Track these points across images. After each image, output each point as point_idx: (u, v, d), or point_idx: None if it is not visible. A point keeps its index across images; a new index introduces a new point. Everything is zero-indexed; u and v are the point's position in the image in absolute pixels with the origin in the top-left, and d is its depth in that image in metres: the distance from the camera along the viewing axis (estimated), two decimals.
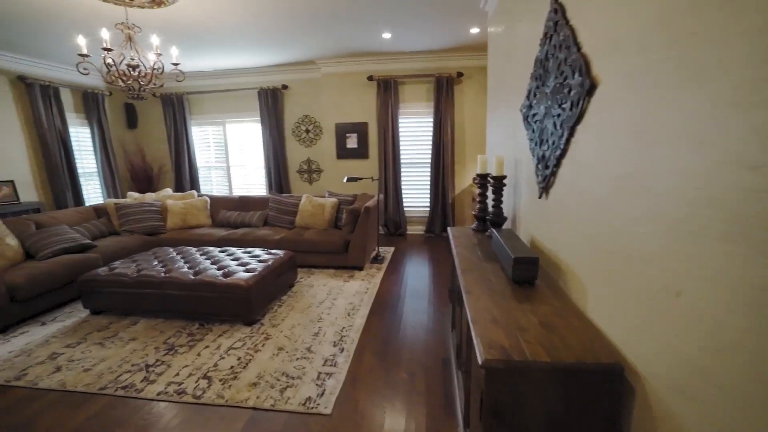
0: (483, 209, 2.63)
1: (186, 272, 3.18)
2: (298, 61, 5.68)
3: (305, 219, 4.74)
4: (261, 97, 6.16)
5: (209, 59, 5.41)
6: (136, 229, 4.61)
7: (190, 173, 6.68)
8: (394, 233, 6.03)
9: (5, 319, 3.05)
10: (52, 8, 3.39)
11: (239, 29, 4.16)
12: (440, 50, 5.27)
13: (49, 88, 5.24)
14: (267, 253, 3.72)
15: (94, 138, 5.96)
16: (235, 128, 6.63)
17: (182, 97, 6.40)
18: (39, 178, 5.27)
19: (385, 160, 5.81)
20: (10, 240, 3.51)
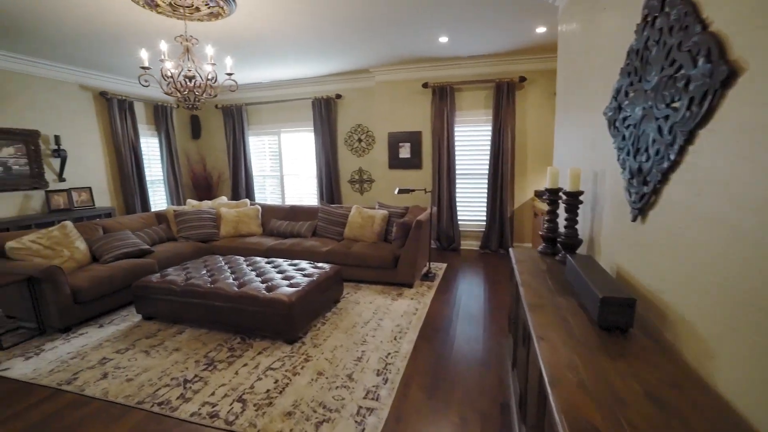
0: (553, 229, 2.26)
1: (231, 284, 3.13)
2: (353, 69, 5.62)
3: (354, 231, 4.59)
4: (315, 107, 6.18)
5: (266, 70, 5.51)
6: (191, 235, 4.74)
7: (246, 182, 6.87)
8: (447, 248, 5.69)
9: (68, 319, 3.19)
10: (122, 25, 3.57)
11: (295, 39, 4.14)
12: (501, 54, 4.91)
13: (125, 102, 5.64)
14: (313, 266, 3.59)
15: (162, 147, 6.33)
16: (290, 138, 6.72)
17: (241, 108, 6.62)
18: (113, 185, 5.67)
19: (439, 171, 5.52)
20: (79, 243, 3.71)
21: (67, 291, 3.16)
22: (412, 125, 5.66)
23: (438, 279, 4.37)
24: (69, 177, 5.06)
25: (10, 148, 4.46)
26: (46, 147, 4.82)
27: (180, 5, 3.08)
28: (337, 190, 6.37)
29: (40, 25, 3.50)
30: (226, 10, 3.26)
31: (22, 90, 4.57)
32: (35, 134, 4.66)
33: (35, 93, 4.70)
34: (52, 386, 2.45)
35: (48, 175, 4.84)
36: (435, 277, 4.40)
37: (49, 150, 4.85)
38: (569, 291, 1.67)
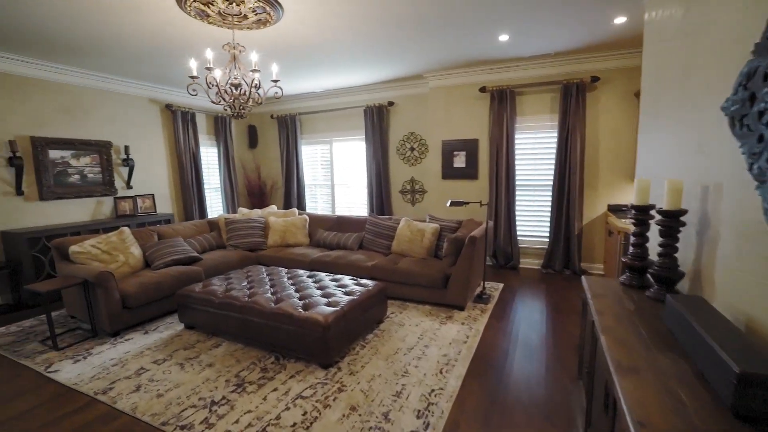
0: (640, 256, 1.80)
1: (268, 298, 2.98)
2: (405, 76, 5.40)
3: (402, 245, 4.30)
4: (367, 115, 6.04)
5: (318, 79, 5.47)
6: (240, 244, 4.76)
7: (297, 190, 6.90)
8: (505, 266, 5.19)
9: (117, 324, 3.25)
10: (179, 39, 3.66)
11: (345, 44, 4.01)
12: (569, 51, 4.40)
13: (188, 113, 5.92)
14: (356, 282, 3.36)
15: (220, 157, 6.56)
16: (341, 147, 6.64)
17: (295, 118, 6.68)
18: (174, 192, 5.94)
19: (497, 182, 5.07)
20: (134, 249, 3.83)
21: (117, 296, 3.23)
22: (468, 132, 5.28)
23: (493, 301, 3.92)
24: (135, 185, 5.37)
25: (86, 158, 4.80)
26: (116, 157, 5.14)
27: (229, 14, 3.05)
28: (388, 201, 6.14)
29: (110, 44, 3.69)
30: (273, 17, 3.19)
31: (100, 105, 4.93)
32: (108, 145, 4.99)
33: (110, 107, 5.04)
34: (89, 394, 2.44)
35: (117, 182, 5.16)
36: (490, 299, 3.96)
37: (120, 159, 5.17)
38: (672, 345, 1.24)
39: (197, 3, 2.90)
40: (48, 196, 4.44)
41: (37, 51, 3.91)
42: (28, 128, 4.28)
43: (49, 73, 4.38)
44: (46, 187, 4.42)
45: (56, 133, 4.52)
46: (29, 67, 4.22)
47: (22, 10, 2.99)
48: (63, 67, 4.43)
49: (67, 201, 4.64)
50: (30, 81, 4.28)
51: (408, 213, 6.13)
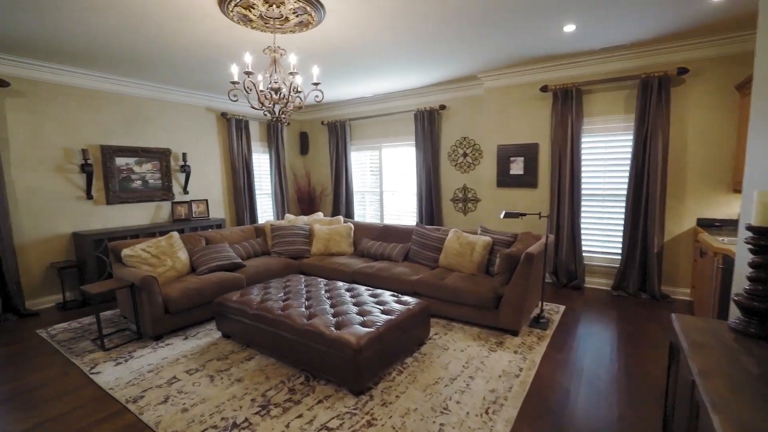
0: (763, 295, 1.33)
1: (301, 313, 2.81)
2: (458, 77, 5.06)
3: (450, 259, 3.96)
4: (417, 120, 5.78)
5: (366, 84, 5.33)
6: (283, 251, 4.71)
7: (346, 197, 6.80)
8: (566, 285, 4.62)
9: (159, 328, 3.28)
10: (227, 47, 3.68)
11: (391, 45, 3.80)
12: (649, 41, 3.80)
13: (242, 121, 6.08)
14: (396, 299, 3.09)
15: (272, 163, 6.67)
16: (391, 153, 6.44)
17: (345, 124, 6.61)
18: (227, 198, 6.12)
19: (560, 191, 4.54)
20: (181, 254, 3.90)
21: (159, 301, 3.26)
22: (526, 136, 4.81)
23: (552, 327, 3.44)
24: (191, 190, 5.59)
25: (148, 165, 5.07)
26: (175, 163, 5.39)
27: (270, 17, 2.98)
28: (438, 209, 5.81)
29: (167, 55, 3.82)
30: (314, 18, 3.06)
31: (161, 114, 5.20)
32: (167, 152, 5.24)
33: (171, 116, 5.30)
34: (121, 401, 2.42)
35: (175, 188, 5.40)
36: (549, 323, 3.48)
37: (177, 166, 5.41)
38: None
39: (239, 7, 2.85)
40: (113, 201, 4.72)
41: (106, 66, 4.17)
42: (98, 137, 4.59)
43: (117, 86, 4.68)
44: (112, 192, 4.71)
45: (122, 142, 4.81)
46: (100, 81, 4.53)
47: (89, 30, 3.15)
48: (129, 80, 4.72)
49: (130, 205, 4.91)
50: (101, 94, 4.60)
51: (459, 223, 5.75)
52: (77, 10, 2.88)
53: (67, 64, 4.12)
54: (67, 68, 4.20)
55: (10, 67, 3.89)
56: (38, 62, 4.00)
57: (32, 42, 3.47)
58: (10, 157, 3.98)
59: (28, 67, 3.98)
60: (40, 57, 3.87)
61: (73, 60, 3.99)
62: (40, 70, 4.06)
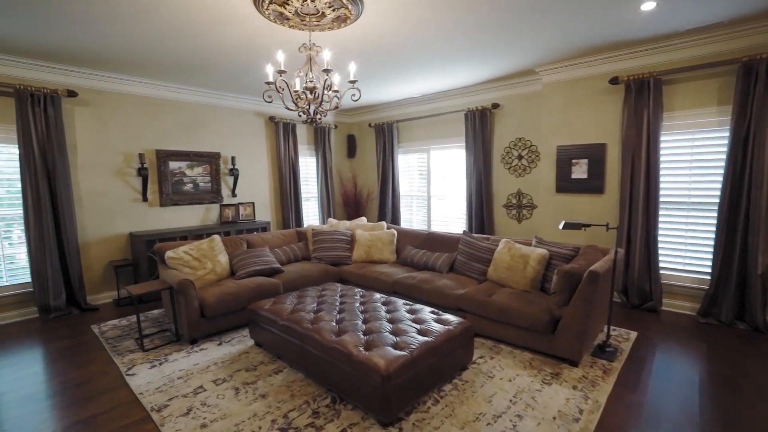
0: None
1: (331, 328, 2.61)
2: (513, 72, 4.63)
3: (499, 272, 3.57)
4: (468, 120, 5.41)
5: (413, 83, 5.06)
6: (323, 257, 4.58)
7: (392, 201, 6.58)
8: (639, 307, 3.99)
9: (195, 332, 3.27)
10: (265, 46, 3.62)
11: (438, 39, 3.51)
12: (754, 15, 3.13)
13: (289, 125, 6.11)
14: (436, 318, 2.78)
15: (318, 166, 6.64)
16: (439, 155, 6.11)
17: (392, 125, 6.40)
18: (273, 201, 6.17)
19: (632, 197, 3.94)
20: (221, 257, 3.91)
21: (195, 304, 3.25)
22: (591, 136, 4.26)
23: (622, 358, 2.92)
24: (239, 193, 5.69)
25: (199, 168, 5.23)
26: (224, 166, 5.51)
27: (306, 13, 2.83)
28: (489, 216, 5.38)
29: (214, 60, 3.85)
30: (352, 12, 2.87)
31: (212, 119, 5.35)
32: (217, 156, 5.38)
33: (221, 121, 5.44)
34: (147, 408, 2.37)
35: (224, 191, 5.52)
36: (617, 353, 2.97)
37: (227, 169, 5.54)
38: None
39: (273, 5, 2.73)
40: (166, 203, 4.91)
41: (159, 74, 4.33)
42: (154, 142, 4.81)
43: (172, 93, 4.87)
44: (165, 194, 4.91)
45: (175, 146, 5.00)
46: (156, 89, 4.73)
47: (137, 39, 3.24)
48: (182, 87, 4.89)
49: (181, 207, 5.09)
50: (157, 101, 4.81)
51: (513, 232, 5.27)
52: (124, 18, 2.94)
53: (126, 74, 4.33)
54: (127, 77, 4.43)
55: (78, 78, 4.16)
56: (102, 73, 4.24)
57: (94, 54, 3.66)
58: (77, 161, 4.26)
59: (93, 77, 4.24)
60: (102, 68, 4.10)
61: (131, 69, 4.18)
62: (103, 80, 4.32)
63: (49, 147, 3.93)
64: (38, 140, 3.88)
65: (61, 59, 3.82)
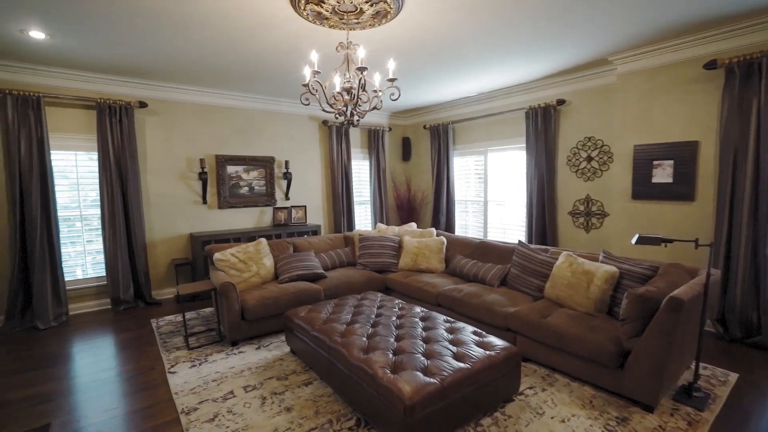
0: None
1: (361, 343, 2.45)
2: (580, 63, 4.10)
3: (558, 289, 3.14)
4: (529, 119, 4.94)
5: (466, 81, 4.74)
6: (368, 263, 4.45)
7: (447, 207, 6.27)
8: (742, 341, 3.26)
9: (235, 334, 3.31)
10: (307, 48, 3.58)
11: (493, 32, 3.19)
12: None
13: (342, 128, 6.10)
14: (478, 341, 2.48)
15: (371, 170, 6.56)
16: (497, 157, 5.68)
17: (448, 127, 6.10)
18: (326, 205, 6.21)
19: (733, 206, 3.24)
20: (266, 260, 3.95)
21: (236, 307, 3.29)
22: (679, 133, 3.60)
23: (715, 406, 2.36)
24: (292, 196, 5.81)
25: (254, 172, 5.42)
26: (279, 170, 5.66)
27: (344, 11, 2.71)
28: (552, 225, 4.85)
29: (265, 66, 3.93)
30: (392, 7, 2.69)
31: (267, 124, 5.52)
32: (271, 160, 5.53)
33: (276, 126, 5.59)
34: (177, 410, 2.41)
35: (277, 194, 5.66)
36: (708, 400, 2.40)
37: (281, 173, 5.67)
38: None
39: (310, 4, 2.65)
40: (224, 205, 5.15)
41: (216, 83, 4.53)
42: (213, 148, 5.07)
43: (229, 100, 5.10)
44: (223, 197, 5.14)
45: (233, 151, 5.22)
46: (215, 97, 4.99)
47: (192, 49, 3.39)
48: (238, 94, 5.10)
49: (237, 210, 5.31)
50: (216, 108, 5.06)
51: (580, 243, 4.69)
52: (183, 30, 3.07)
53: (187, 84, 4.60)
54: (188, 87, 4.71)
55: (147, 90, 4.51)
56: (166, 84, 4.56)
57: (159, 66, 3.92)
58: (147, 167, 4.62)
59: (159, 88, 4.57)
60: (167, 79, 4.40)
61: (190, 79, 4.42)
62: (168, 90, 4.64)
63: (122, 154, 4.30)
64: (114, 148, 4.26)
65: (133, 73, 4.16)
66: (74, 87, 4.11)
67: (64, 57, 3.64)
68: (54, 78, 3.99)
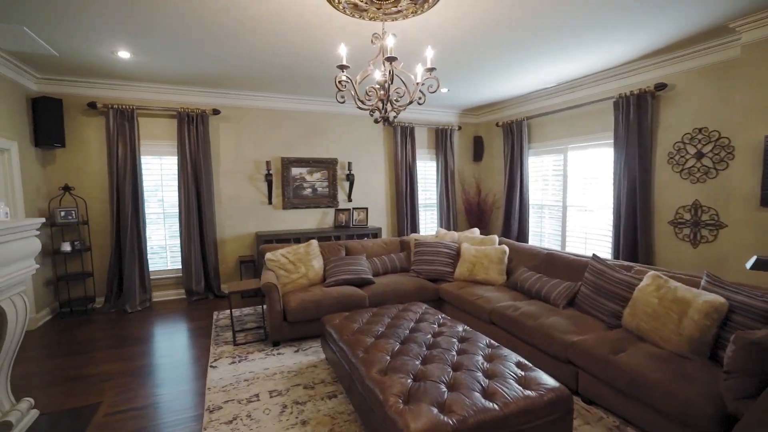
0: None
1: (382, 361, 2.21)
2: (689, 35, 3.29)
3: (639, 318, 2.52)
4: (618, 109, 4.16)
5: (537, 71, 4.17)
6: (421, 271, 4.16)
7: (519, 211, 5.67)
8: None
9: (277, 335, 3.33)
10: (357, 45, 3.44)
11: (568, 6, 2.70)
12: None
13: (407, 128, 5.90)
14: (519, 377, 2.06)
15: (438, 171, 6.23)
16: (579, 156, 4.94)
17: (521, 123, 5.50)
18: (389, 207, 6.06)
19: None
20: (315, 262, 3.93)
21: (278, 308, 3.30)
22: None
23: None
24: (355, 198, 5.78)
25: (318, 174, 5.52)
26: (341, 172, 5.67)
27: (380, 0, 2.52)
28: (646, 236, 4.02)
29: (324, 67, 3.94)
30: None
31: (331, 126, 5.57)
32: (334, 162, 5.57)
33: (339, 128, 5.62)
34: (204, 407, 2.45)
35: (340, 195, 5.69)
36: None
37: (343, 174, 5.68)
38: None
39: None
40: (287, 206, 5.33)
41: (281, 87, 4.69)
42: (279, 150, 5.27)
43: (294, 103, 5.25)
44: (287, 198, 5.32)
45: (298, 153, 5.37)
46: (281, 102, 5.18)
47: (256, 56, 3.52)
48: (302, 98, 5.22)
49: (300, 210, 5.45)
50: (282, 113, 5.26)
51: (684, 260, 3.79)
52: (242, 37, 3.19)
53: (254, 90, 4.85)
54: (255, 93, 4.96)
55: (220, 98, 4.86)
56: (236, 91, 4.86)
57: (229, 75, 4.18)
58: (220, 169, 4.98)
59: (230, 96, 4.89)
60: (236, 87, 4.68)
61: (257, 86, 4.65)
62: (238, 97, 4.94)
63: (197, 157, 4.69)
64: (190, 152, 4.67)
65: (208, 84, 4.51)
66: (160, 99, 4.60)
67: (148, 72, 4.07)
68: (144, 92, 4.51)
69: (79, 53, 3.53)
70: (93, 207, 4.44)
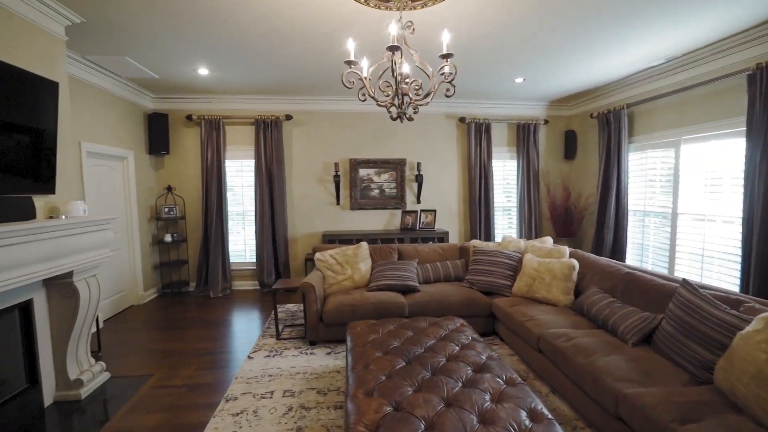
0: None
1: (374, 382, 2.03)
2: None
3: (736, 379, 1.82)
4: (755, 85, 3.12)
5: (636, 45, 3.36)
6: (475, 281, 3.76)
7: (615, 218, 4.72)
8: None
9: (313, 335, 3.38)
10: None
11: None
12: None
13: (482, 125, 5.43)
14: (524, 429, 1.68)
15: (519, 171, 5.59)
16: (695, 150, 3.86)
17: (620, 112, 4.56)
18: (461, 210, 5.67)
19: None
20: (362, 265, 3.87)
21: (314, 309, 3.34)
22: None
23: None
24: (423, 199, 5.56)
25: (385, 175, 5.47)
26: (410, 173, 5.52)
27: None
28: None
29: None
30: None
31: (400, 126, 5.46)
32: (403, 162, 5.44)
33: (409, 127, 5.47)
34: (223, 397, 2.59)
35: (408, 197, 5.54)
36: None
37: (412, 175, 5.52)
38: None
39: None
40: (354, 207, 5.40)
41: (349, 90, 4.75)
42: (347, 152, 5.38)
43: (361, 105, 5.28)
44: (354, 199, 5.40)
45: (365, 155, 5.40)
46: (348, 104, 5.27)
47: (319, 62, 3.66)
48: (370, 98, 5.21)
49: (367, 211, 5.47)
50: (350, 114, 5.34)
51: None
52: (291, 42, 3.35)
53: (323, 95, 5.03)
54: (325, 98, 5.14)
55: (292, 104, 5.17)
56: (307, 97, 5.11)
57: (300, 83, 4.45)
58: (292, 171, 5.31)
59: (301, 102, 5.17)
60: (306, 93, 4.92)
61: (325, 90, 4.81)
62: (308, 102, 5.18)
63: (272, 161, 5.08)
64: (266, 156, 5.08)
65: (280, 91, 4.84)
66: (241, 108, 5.12)
67: (227, 85, 4.55)
68: (228, 102, 5.06)
69: (171, 74, 4.12)
70: (189, 204, 5.17)
